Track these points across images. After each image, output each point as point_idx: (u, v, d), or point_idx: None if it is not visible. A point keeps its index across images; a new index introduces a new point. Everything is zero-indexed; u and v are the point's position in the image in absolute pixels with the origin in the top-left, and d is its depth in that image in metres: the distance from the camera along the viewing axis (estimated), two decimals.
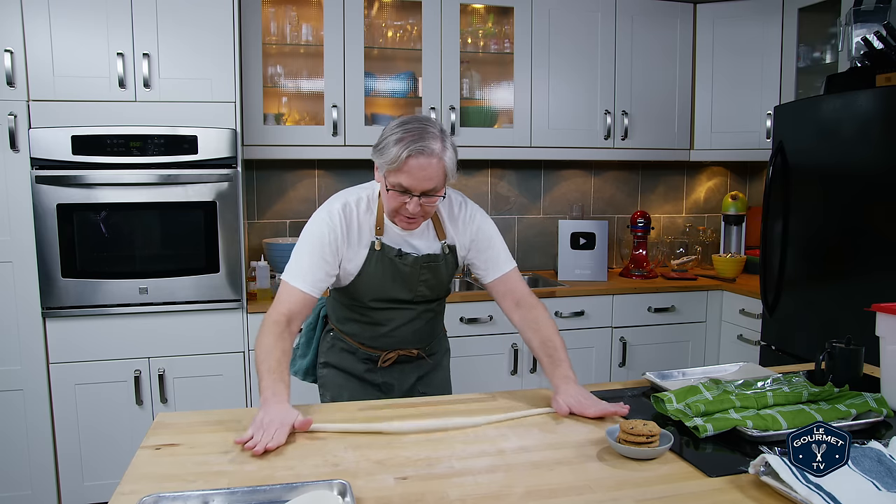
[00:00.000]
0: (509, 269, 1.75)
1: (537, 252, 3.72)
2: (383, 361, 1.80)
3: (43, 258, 2.53)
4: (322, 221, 1.63)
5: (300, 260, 1.61)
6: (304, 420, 1.37)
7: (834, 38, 3.12)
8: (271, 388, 1.42)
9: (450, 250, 1.72)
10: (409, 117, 1.57)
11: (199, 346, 2.70)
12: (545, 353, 1.64)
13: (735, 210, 3.62)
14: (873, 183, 2.38)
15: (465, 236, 1.73)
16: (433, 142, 1.50)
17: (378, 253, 1.66)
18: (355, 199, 1.67)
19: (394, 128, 1.54)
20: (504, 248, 1.77)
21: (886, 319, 1.53)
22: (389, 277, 1.68)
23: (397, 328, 1.77)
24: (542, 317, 1.69)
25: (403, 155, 1.48)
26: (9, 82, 2.44)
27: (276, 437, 1.30)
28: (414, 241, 1.69)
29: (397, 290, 1.70)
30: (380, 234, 1.66)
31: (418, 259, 1.68)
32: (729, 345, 3.29)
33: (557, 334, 1.66)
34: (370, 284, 1.68)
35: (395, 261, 1.67)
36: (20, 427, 2.58)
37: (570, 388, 1.54)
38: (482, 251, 1.74)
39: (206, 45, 2.62)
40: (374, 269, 1.66)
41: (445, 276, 1.74)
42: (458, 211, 1.73)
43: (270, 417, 1.34)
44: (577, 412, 1.48)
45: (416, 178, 1.51)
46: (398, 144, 1.49)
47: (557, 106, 3.31)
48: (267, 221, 3.33)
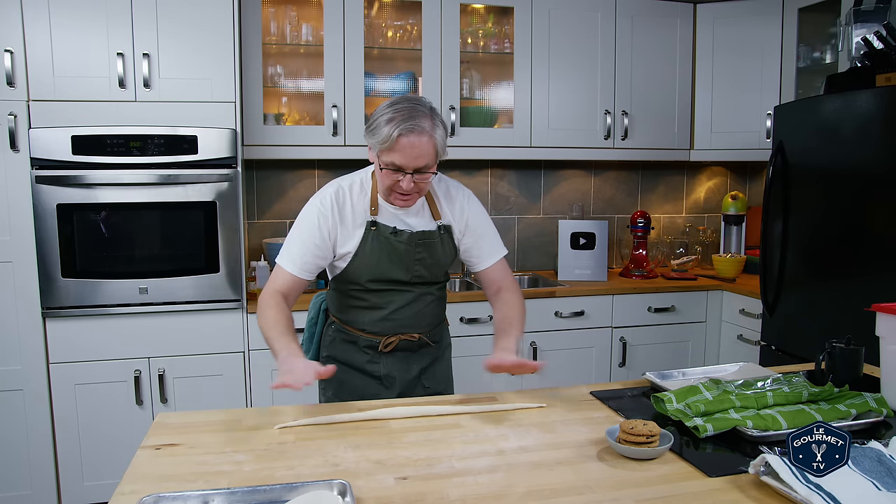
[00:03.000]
0: (500, 257, 1.84)
1: (537, 252, 3.72)
2: (384, 346, 1.81)
3: (43, 258, 2.53)
4: (313, 207, 1.71)
5: (291, 244, 1.71)
6: (329, 367, 1.46)
7: (834, 38, 3.12)
8: (287, 348, 1.52)
9: (445, 230, 1.77)
10: (400, 97, 1.64)
11: (199, 346, 2.70)
12: (501, 328, 1.73)
13: (735, 210, 3.62)
14: (873, 183, 2.38)
15: (462, 220, 1.80)
16: (423, 120, 1.56)
17: (373, 232, 1.71)
18: (348, 183, 1.75)
19: (384, 108, 1.59)
20: (497, 236, 1.85)
21: (886, 319, 1.53)
22: (386, 256, 1.72)
23: (397, 310, 1.79)
24: (512, 298, 1.79)
25: (395, 134, 1.54)
26: (9, 82, 2.45)
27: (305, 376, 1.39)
28: (409, 220, 1.74)
29: (394, 271, 1.74)
30: (375, 214, 1.72)
31: (413, 235, 1.73)
32: (729, 345, 3.29)
33: (519, 313, 1.76)
34: (367, 264, 1.73)
35: (390, 238, 1.71)
36: (20, 427, 2.59)
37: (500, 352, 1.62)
38: (477, 238, 1.81)
39: (205, 45, 2.62)
40: (371, 247, 1.71)
41: (442, 256, 1.79)
42: (455, 192, 1.81)
43: (294, 365, 1.45)
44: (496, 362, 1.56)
45: (407, 157, 1.57)
46: (389, 124, 1.55)
47: (557, 106, 3.31)
48: (267, 221, 3.33)
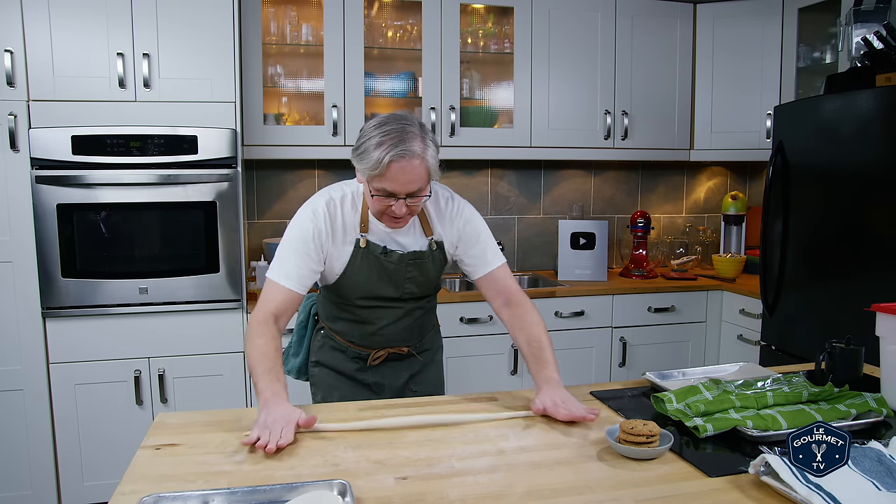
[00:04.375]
0: (498, 265, 1.72)
1: (537, 252, 3.72)
2: (373, 360, 1.79)
3: (43, 258, 2.53)
4: (306, 218, 1.61)
5: (285, 258, 1.60)
6: (309, 418, 1.36)
7: (834, 38, 3.12)
8: (270, 389, 1.41)
9: (437, 246, 1.71)
10: (387, 117, 1.51)
11: (199, 346, 2.70)
12: (531, 352, 1.61)
13: (735, 210, 3.62)
14: (873, 183, 2.38)
15: (453, 232, 1.71)
16: (414, 143, 1.46)
17: (363, 251, 1.64)
18: (339, 195, 1.64)
19: (372, 129, 1.48)
20: (492, 244, 1.74)
21: (886, 319, 1.53)
22: (375, 275, 1.67)
23: (386, 326, 1.75)
24: (530, 316, 1.66)
25: (385, 160, 1.43)
26: (9, 82, 2.45)
27: (284, 435, 1.29)
28: (400, 238, 1.67)
29: (384, 288, 1.69)
30: (364, 232, 1.64)
31: (404, 256, 1.67)
32: (729, 345, 3.29)
33: (545, 334, 1.64)
34: (356, 283, 1.67)
35: (380, 258, 1.65)
36: (20, 427, 2.58)
37: (550, 390, 1.51)
38: (470, 247, 1.71)
39: (205, 45, 2.62)
40: (360, 266, 1.65)
41: (433, 272, 1.73)
42: (446, 206, 1.71)
43: (274, 417, 1.33)
44: (551, 414, 1.45)
45: (399, 183, 1.47)
46: (378, 149, 1.44)
47: (557, 106, 3.31)
48: (267, 221, 3.33)
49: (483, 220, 1.75)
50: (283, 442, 1.28)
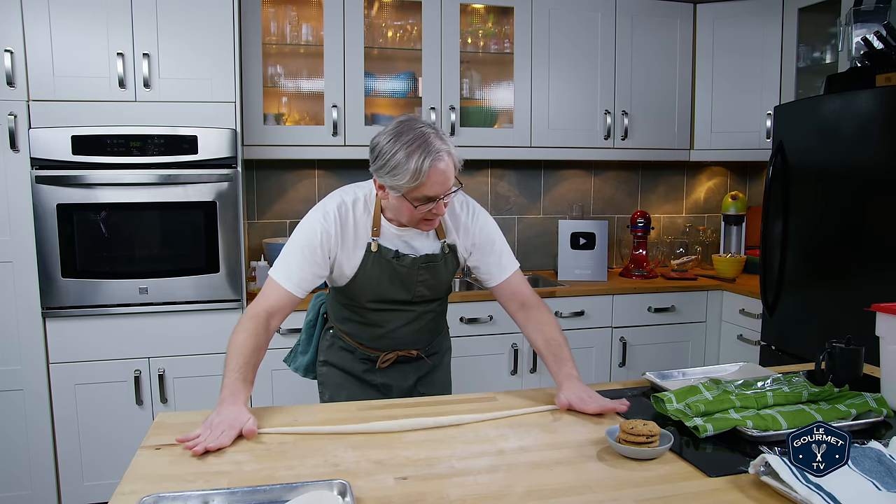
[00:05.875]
0: (513, 272, 1.73)
1: (537, 252, 3.72)
2: (382, 362, 1.79)
3: (43, 258, 2.53)
4: (316, 222, 1.60)
5: (289, 258, 1.59)
6: (250, 429, 1.33)
7: (834, 38, 3.12)
8: (230, 388, 1.40)
9: (450, 249, 1.70)
10: (396, 126, 1.50)
11: (199, 346, 2.70)
12: (550, 352, 1.63)
13: (735, 210, 3.62)
14: (873, 183, 2.38)
15: (468, 238, 1.71)
16: (437, 142, 1.46)
17: (375, 255, 1.63)
18: (352, 199, 1.63)
19: (391, 144, 1.46)
20: (507, 249, 1.74)
21: (886, 319, 1.53)
22: (387, 279, 1.66)
23: (396, 329, 1.75)
24: (546, 317, 1.70)
25: (425, 167, 1.43)
26: (9, 82, 2.45)
27: (220, 439, 1.28)
28: (413, 242, 1.66)
29: (395, 292, 1.68)
30: (376, 236, 1.64)
31: (416, 260, 1.66)
32: (729, 345, 3.29)
33: (561, 333, 1.66)
34: (367, 286, 1.66)
35: (392, 262, 1.64)
36: (20, 427, 2.58)
37: (573, 385, 1.54)
38: (486, 254, 1.72)
39: (205, 45, 2.62)
40: (371, 270, 1.64)
41: (445, 275, 1.72)
42: (461, 210, 1.71)
43: (221, 418, 1.33)
44: (578, 408, 1.48)
45: (439, 185, 1.48)
46: (411, 160, 1.43)
47: (557, 106, 3.31)
48: (267, 221, 3.33)
49: (496, 224, 1.76)
50: (214, 445, 1.26)
